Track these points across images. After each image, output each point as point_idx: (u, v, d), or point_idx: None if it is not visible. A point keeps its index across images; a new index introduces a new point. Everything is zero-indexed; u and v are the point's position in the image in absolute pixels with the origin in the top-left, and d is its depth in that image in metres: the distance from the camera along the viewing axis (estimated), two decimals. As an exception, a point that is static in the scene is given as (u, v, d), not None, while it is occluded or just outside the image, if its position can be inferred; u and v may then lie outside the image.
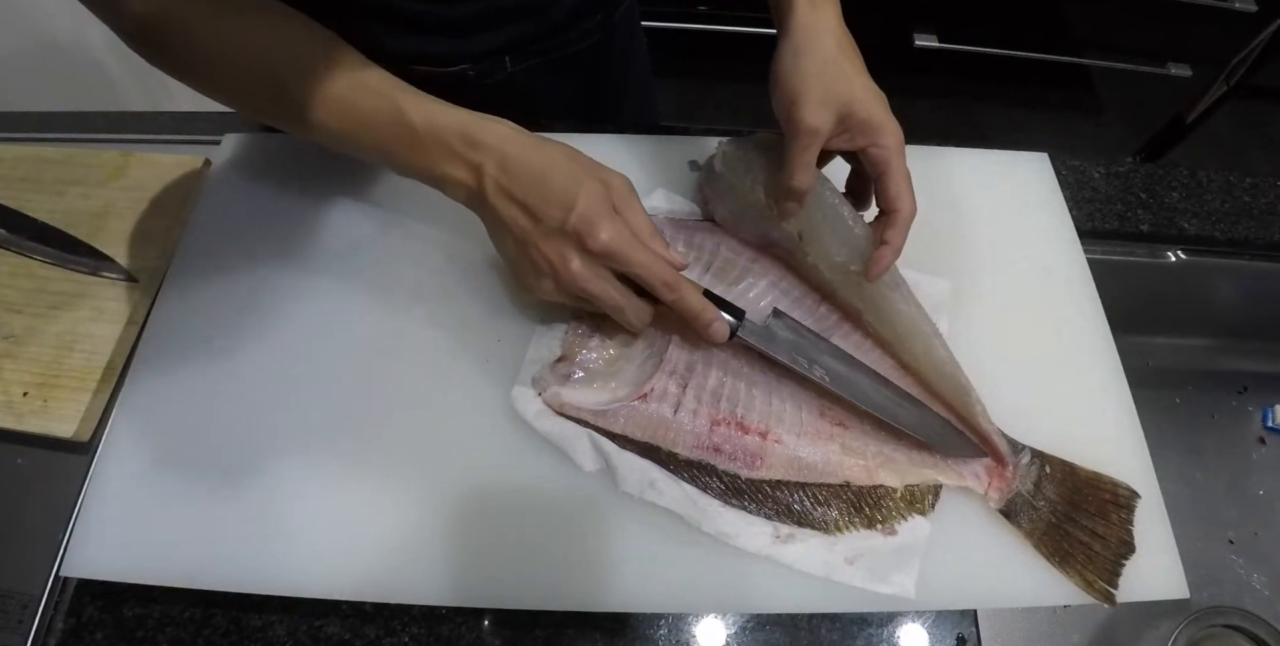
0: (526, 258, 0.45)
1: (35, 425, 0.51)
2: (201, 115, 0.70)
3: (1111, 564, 0.45)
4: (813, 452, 0.48)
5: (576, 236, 0.43)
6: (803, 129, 0.45)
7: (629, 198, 0.46)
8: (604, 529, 0.46)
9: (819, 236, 0.50)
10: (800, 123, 0.45)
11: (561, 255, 0.44)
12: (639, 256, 0.44)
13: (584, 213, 0.43)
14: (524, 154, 0.44)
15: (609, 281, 0.45)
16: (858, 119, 0.46)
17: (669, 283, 0.45)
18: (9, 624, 0.46)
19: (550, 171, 0.44)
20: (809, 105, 0.45)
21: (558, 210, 0.43)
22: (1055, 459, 0.48)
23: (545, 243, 0.44)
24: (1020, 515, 0.46)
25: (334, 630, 0.47)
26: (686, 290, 0.46)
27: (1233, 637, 0.54)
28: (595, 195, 0.44)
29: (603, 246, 0.43)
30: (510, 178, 0.44)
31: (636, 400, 0.48)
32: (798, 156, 0.46)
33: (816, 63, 0.46)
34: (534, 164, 0.44)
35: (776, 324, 0.49)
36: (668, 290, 0.45)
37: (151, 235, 0.59)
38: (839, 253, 0.49)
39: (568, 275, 0.44)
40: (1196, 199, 0.67)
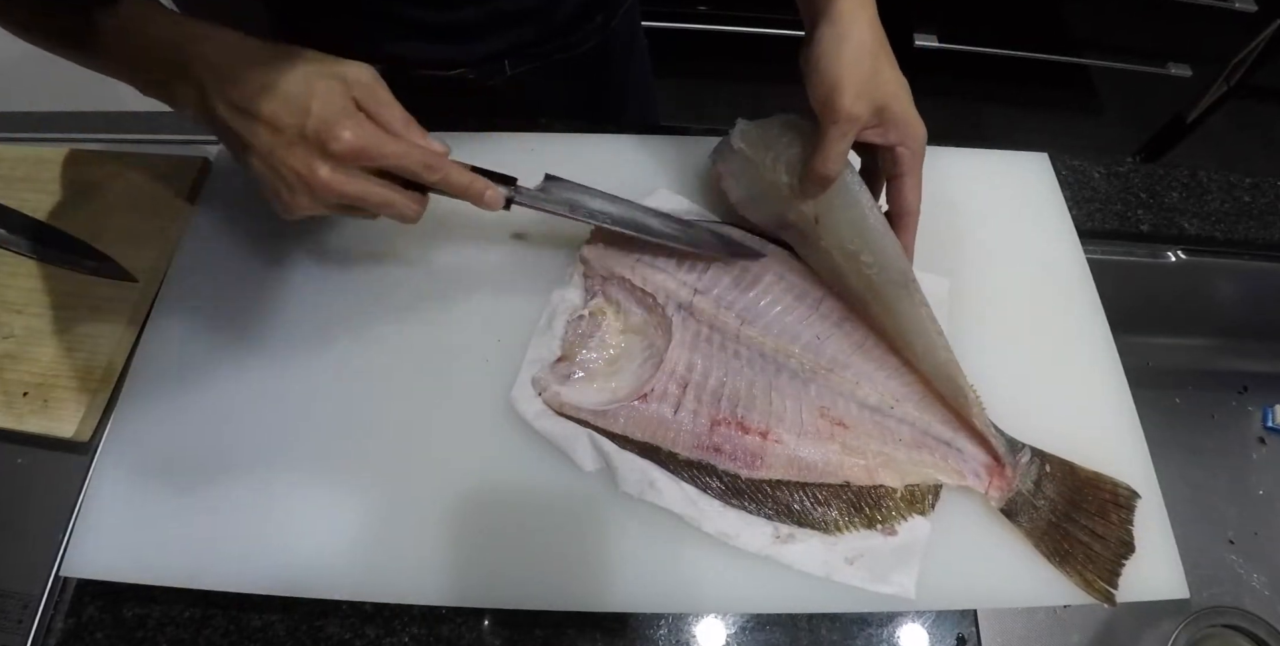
0: (274, 173, 0.41)
1: (35, 425, 0.51)
2: (201, 115, 0.70)
3: (1111, 564, 0.45)
4: (813, 452, 0.48)
5: (318, 142, 0.40)
6: (843, 116, 0.45)
7: (372, 89, 0.42)
8: (604, 529, 0.46)
9: (836, 223, 0.49)
10: (841, 110, 0.45)
11: (308, 165, 0.40)
12: (390, 148, 0.42)
13: (321, 114, 0.40)
14: (248, 62, 0.41)
15: (367, 180, 0.42)
16: (893, 113, 0.46)
17: (429, 164, 0.43)
18: (9, 624, 0.46)
19: (280, 77, 0.40)
20: (850, 93, 0.44)
21: (293, 117, 0.40)
22: (1055, 458, 0.48)
23: (288, 153, 0.40)
24: (1021, 514, 0.46)
25: (334, 630, 0.47)
26: (450, 168, 0.44)
27: (1233, 637, 0.54)
28: (331, 93, 0.40)
29: (347, 146, 0.40)
30: (237, 89, 0.40)
31: (636, 400, 0.48)
32: (834, 144, 0.46)
33: (858, 52, 0.45)
34: (261, 71, 0.40)
35: (549, 185, 0.49)
36: (430, 171, 0.43)
37: (151, 235, 0.59)
38: (853, 241, 0.49)
39: (319, 184, 0.41)
40: (1196, 199, 0.67)
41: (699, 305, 0.52)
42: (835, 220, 0.49)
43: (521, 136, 0.61)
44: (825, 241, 0.50)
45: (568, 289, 0.54)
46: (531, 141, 0.61)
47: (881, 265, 0.48)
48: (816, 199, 0.49)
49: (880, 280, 0.49)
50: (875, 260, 0.48)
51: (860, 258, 0.49)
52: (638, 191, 0.59)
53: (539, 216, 0.50)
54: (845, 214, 0.49)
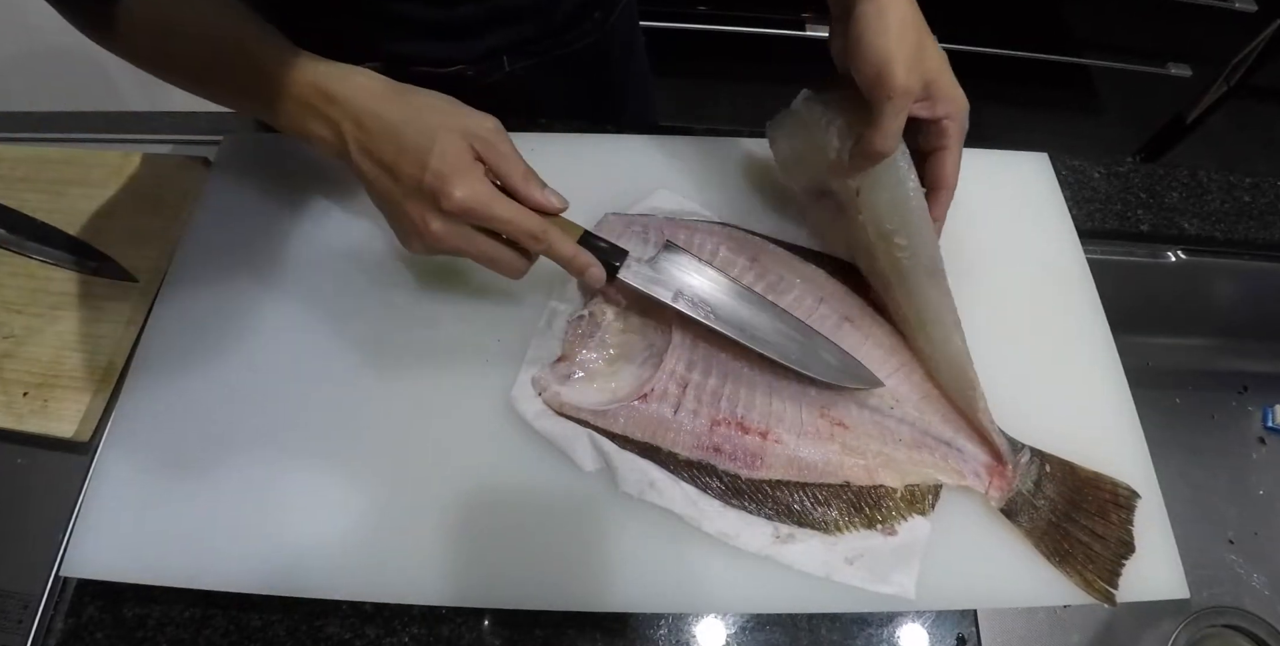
0: (393, 217, 0.45)
1: (35, 425, 0.51)
2: (201, 115, 0.70)
3: (1111, 563, 0.45)
4: (813, 452, 0.48)
5: (432, 197, 0.42)
6: (898, 91, 0.43)
7: (493, 143, 0.44)
8: (604, 529, 0.46)
9: (877, 200, 0.48)
10: (896, 84, 0.43)
11: (422, 216, 0.43)
12: (498, 211, 0.43)
13: (438, 169, 0.41)
14: (379, 109, 0.43)
15: (474, 237, 0.44)
16: (940, 87, 0.46)
17: (534, 234, 0.44)
18: (9, 624, 0.46)
19: (405, 126, 0.42)
20: (901, 67, 0.43)
21: (413, 168, 0.42)
22: (1055, 458, 0.48)
23: (408, 202, 0.43)
24: (1021, 514, 0.46)
25: (334, 630, 0.47)
26: (554, 238, 0.45)
27: (1233, 637, 0.54)
28: (451, 148, 0.42)
29: (458, 205, 0.42)
30: (367, 135, 0.42)
31: (636, 400, 0.48)
32: (890, 120, 0.44)
33: (903, 26, 0.44)
34: (389, 119, 0.42)
35: (665, 258, 0.48)
36: (534, 242, 0.44)
37: (151, 235, 0.59)
38: (891, 221, 0.48)
39: (430, 237, 0.43)
40: (1196, 199, 0.67)
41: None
42: (877, 198, 0.48)
43: (523, 136, 0.61)
44: (863, 216, 0.49)
45: (568, 289, 0.54)
46: (532, 141, 0.61)
47: (914, 250, 0.48)
48: (863, 172, 0.48)
49: (910, 264, 0.48)
50: (909, 244, 0.48)
51: (894, 239, 0.48)
52: (638, 191, 0.59)
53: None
54: (889, 192, 0.48)
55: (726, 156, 0.62)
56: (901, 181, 0.47)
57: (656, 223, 0.56)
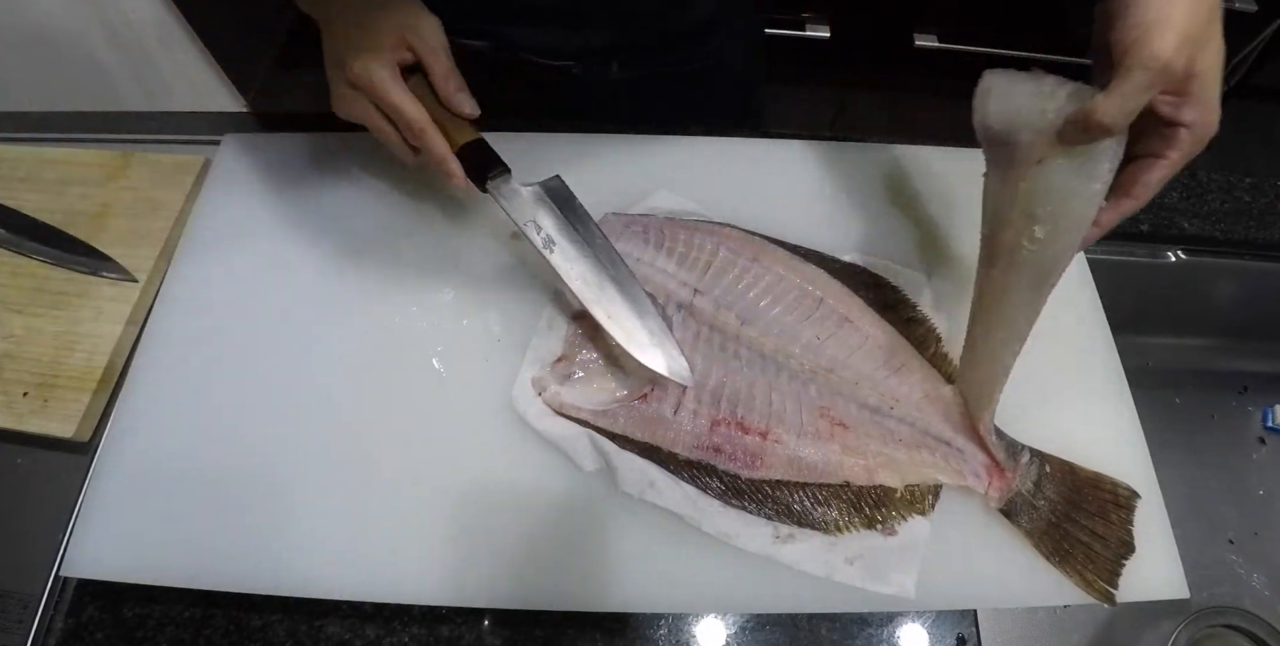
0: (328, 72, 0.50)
1: (35, 425, 0.51)
2: (201, 115, 0.70)
3: (1111, 564, 0.45)
4: (813, 452, 0.48)
5: (342, 64, 0.47)
6: (1154, 60, 0.35)
7: (426, 37, 0.48)
8: (604, 529, 0.46)
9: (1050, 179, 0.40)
10: (1153, 52, 0.35)
11: (335, 78, 0.49)
12: (387, 95, 0.47)
13: (356, 42, 0.47)
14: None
15: (371, 111, 0.48)
16: (1202, 88, 0.37)
17: (412, 125, 0.47)
18: (9, 624, 0.46)
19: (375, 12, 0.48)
20: (1172, 36, 0.35)
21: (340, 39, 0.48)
22: (1055, 459, 0.48)
23: (330, 66, 0.49)
24: (1020, 514, 0.46)
25: (334, 630, 0.47)
26: (431, 136, 0.48)
27: (1233, 637, 0.54)
28: (378, 30, 0.47)
29: (352, 76, 0.47)
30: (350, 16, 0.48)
31: (636, 400, 0.48)
32: (1133, 92, 0.36)
33: None
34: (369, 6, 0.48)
35: (541, 189, 0.50)
36: (411, 133, 0.48)
37: (151, 235, 0.59)
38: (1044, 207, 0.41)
39: (335, 98, 0.49)
40: (1196, 199, 0.67)
41: (699, 305, 0.52)
42: (1052, 179, 0.40)
43: (523, 136, 0.61)
44: (1024, 185, 0.41)
45: (568, 289, 0.54)
46: (533, 141, 0.61)
47: (1044, 247, 0.42)
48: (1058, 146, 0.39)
49: (1030, 258, 0.42)
50: (1046, 239, 0.41)
51: (1034, 227, 0.42)
52: (638, 191, 0.59)
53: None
54: (1068, 181, 0.40)
55: (726, 156, 0.62)
56: (1090, 176, 0.40)
57: (656, 222, 0.56)
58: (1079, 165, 0.40)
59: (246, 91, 1.33)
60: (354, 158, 0.61)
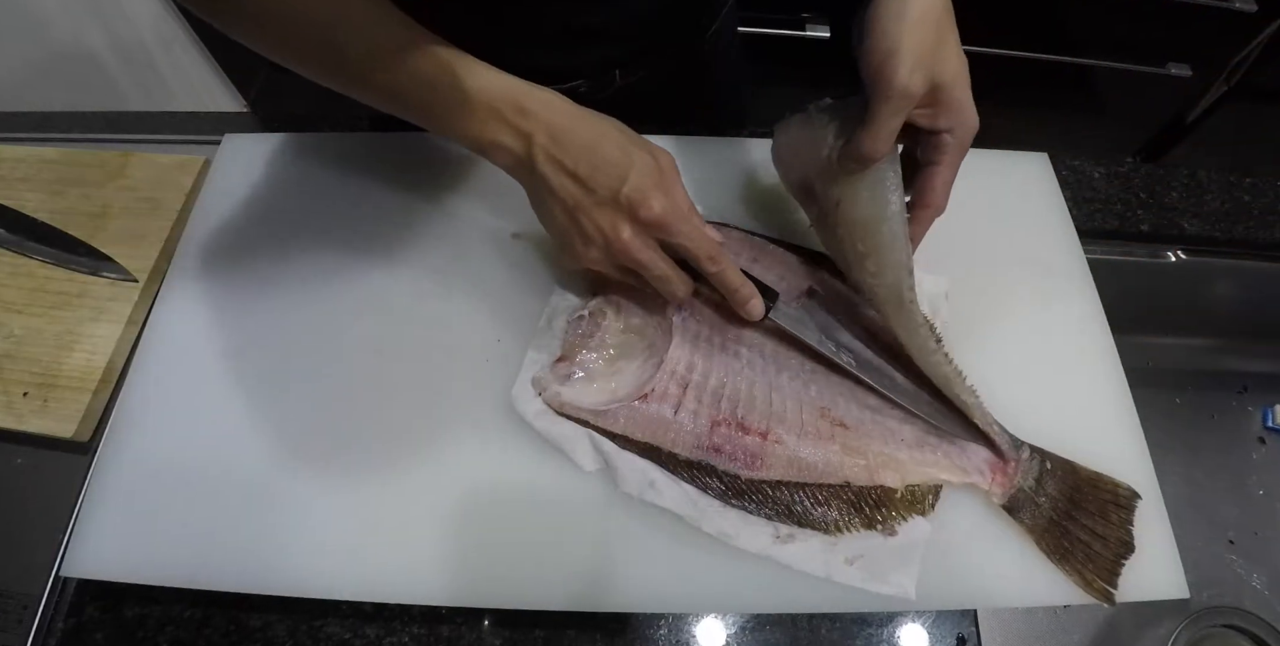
0: (575, 226, 0.45)
1: (35, 425, 0.51)
2: (201, 115, 0.70)
3: (1111, 563, 0.45)
4: (813, 453, 0.48)
5: (629, 207, 0.44)
6: (896, 90, 0.40)
7: (673, 174, 0.46)
8: (604, 529, 0.46)
9: (854, 217, 0.46)
10: (895, 83, 0.40)
11: (613, 224, 0.44)
12: (687, 229, 0.45)
13: (637, 183, 0.43)
14: (574, 125, 0.44)
15: (657, 251, 0.46)
16: (949, 96, 0.42)
17: (713, 255, 0.46)
18: (9, 624, 0.46)
19: (602, 142, 0.44)
20: (906, 64, 0.40)
21: (611, 180, 0.43)
22: (1056, 456, 0.48)
23: (597, 211, 0.44)
24: (1023, 510, 0.46)
25: (334, 630, 0.47)
26: (728, 264, 0.47)
27: (1233, 637, 0.54)
28: (646, 167, 0.44)
29: (656, 217, 0.44)
30: (560, 147, 0.44)
31: (637, 400, 0.48)
32: (883, 121, 0.41)
33: (921, 19, 0.41)
34: (585, 134, 0.44)
35: (809, 305, 0.49)
36: (711, 263, 0.46)
37: (151, 235, 0.59)
38: (863, 242, 0.46)
39: (619, 244, 0.45)
40: (1196, 199, 0.67)
41: (699, 306, 0.52)
42: (854, 214, 0.46)
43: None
44: (840, 230, 0.47)
45: (568, 289, 0.54)
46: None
47: (882, 277, 0.46)
48: (845, 183, 0.45)
49: (879, 290, 0.47)
50: (878, 271, 0.46)
51: (865, 263, 0.47)
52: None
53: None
54: (865, 210, 0.45)
55: (726, 156, 0.62)
56: (883, 202, 0.45)
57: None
58: (866, 194, 0.45)
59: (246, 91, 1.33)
60: (354, 158, 0.61)
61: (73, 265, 0.58)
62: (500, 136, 0.44)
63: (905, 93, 0.40)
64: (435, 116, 0.45)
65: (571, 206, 0.45)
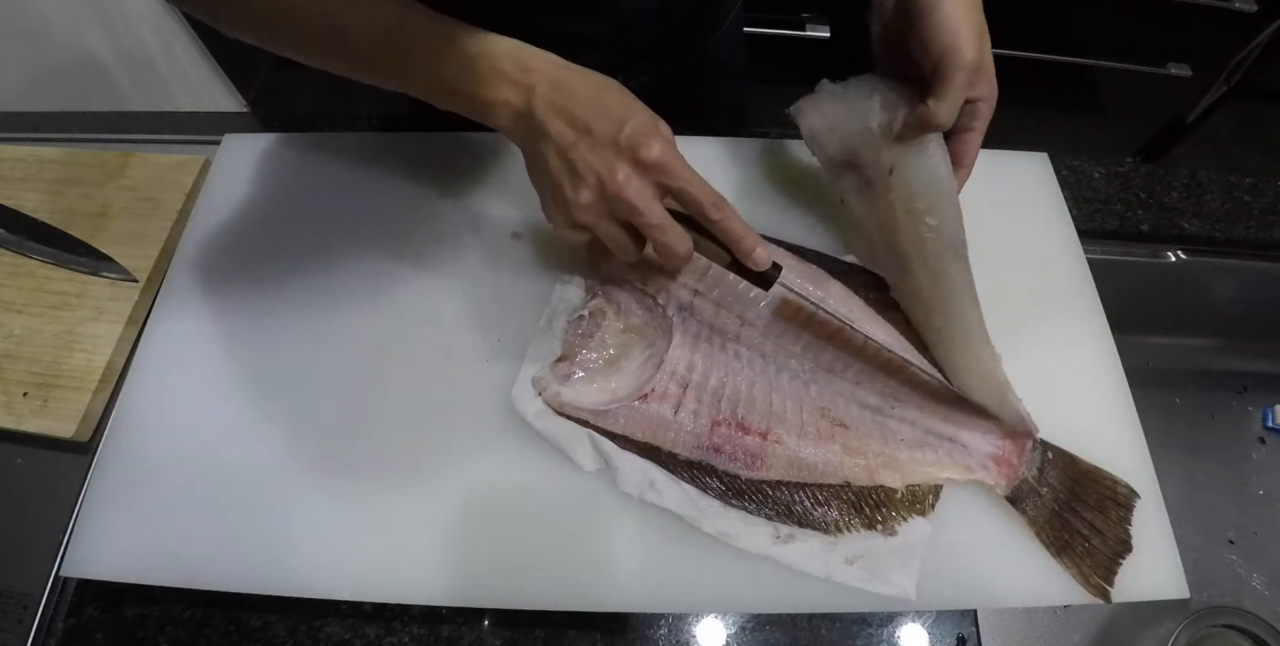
0: (568, 168, 0.44)
1: (35, 425, 0.51)
2: (201, 115, 0.70)
3: (1108, 560, 0.45)
4: (813, 453, 0.48)
5: (629, 147, 0.43)
6: (970, 63, 0.44)
7: (669, 134, 0.46)
8: (604, 529, 0.46)
9: (910, 179, 0.49)
10: (968, 57, 0.44)
11: (610, 165, 0.43)
12: (687, 173, 0.44)
13: (639, 126, 0.43)
14: (577, 77, 0.44)
15: (656, 197, 0.44)
16: (986, 68, 0.46)
17: (715, 202, 0.45)
18: (9, 624, 0.46)
19: (604, 93, 0.44)
20: (973, 41, 0.44)
21: (611, 124, 0.43)
22: (1056, 447, 0.49)
23: (594, 152, 0.43)
24: (1025, 500, 0.46)
25: (334, 630, 0.47)
26: (729, 212, 0.45)
27: (1233, 637, 0.54)
28: (648, 116, 0.44)
29: (657, 157, 0.43)
30: (564, 95, 0.44)
31: (636, 400, 0.48)
32: (957, 91, 0.45)
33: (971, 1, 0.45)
34: (587, 85, 0.44)
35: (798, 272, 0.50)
36: (715, 209, 0.44)
37: (151, 235, 0.59)
38: (924, 200, 0.49)
39: (614, 185, 0.43)
40: (1196, 199, 0.67)
41: (699, 306, 0.52)
42: (910, 176, 0.49)
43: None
44: (894, 193, 0.49)
45: (568, 288, 0.54)
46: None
47: (942, 229, 0.49)
48: (898, 150, 0.48)
49: (937, 244, 0.49)
50: (939, 224, 0.48)
51: (925, 218, 0.49)
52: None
53: (538, 216, 0.50)
54: (924, 172, 0.48)
55: (727, 157, 0.62)
56: (936, 163, 0.48)
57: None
58: (921, 158, 0.48)
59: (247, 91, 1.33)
60: (354, 158, 0.61)
61: (73, 265, 0.58)
62: (501, 93, 0.44)
63: (976, 66, 0.45)
64: (439, 85, 0.45)
65: (566, 147, 0.43)
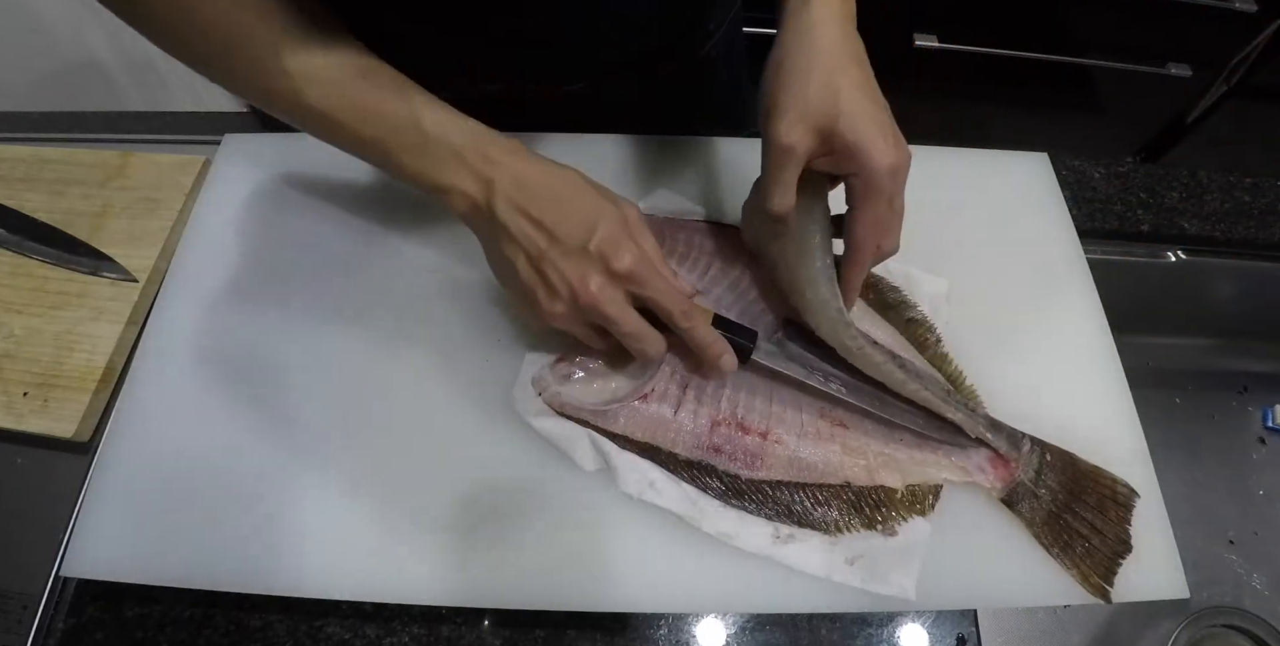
0: (540, 278, 0.42)
1: (35, 425, 0.51)
2: (201, 115, 0.70)
3: (1108, 560, 0.45)
4: (813, 453, 0.48)
5: (600, 258, 0.41)
6: (775, 147, 0.41)
7: (642, 226, 0.44)
8: (604, 529, 0.46)
9: (787, 275, 0.48)
10: (773, 139, 0.41)
11: (582, 276, 0.41)
12: (659, 282, 0.43)
13: (607, 234, 0.41)
14: (540, 173, 0.43)
15: (628, 306, 0.43)
16: (843, 141, 0.41)
17: (685, 311, 0.44)
18: (9, 624, 0.46)
19: (568, 192, 0.43)
20: (784, 119, 0.41)
21: (579, 230, 0.41)
22: (1055, 448, 0.49)
23: (564, 262, 0.41)
24: (1021, 503, 0.46)
25: (334, 630, 0.47)
26: (699, 321, 0.45)
27: (1233, 637, 0.55)
28: (616, 219, 0.42)
29: (628, 268, 0.41)
30: (526, 195, 0.42)
31: (637, 400, 0.48)
32: (773, 177, 0.42)
33: (802, 68, 0.41)
34: (551, 183, 0.42)
35: (789, 343, 0.48)
36: (683, 318, 0.44)
37: (151, 235, 0.59)
38: (798, 299, 0.48)
39: (587, 296, 0.41)
40: (1196, 199, 0.67)
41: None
42: (786, 273, 0.48)
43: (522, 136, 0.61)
44: (782, 286, 0.49)
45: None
46: (531, 141, 0.61)
47: (821, 331, 0.47)
48: (776, 240, 0.47)
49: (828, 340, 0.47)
50: (817, 325, 0.47)
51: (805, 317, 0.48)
52: (638, 192, 0.59)
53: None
54: (795, 269, 0.47)
55: (726, 157, 0.62)
56: (807, 258, 0.45)
57: (656, 223, 0.56)
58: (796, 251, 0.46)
59: (246, 91, 1.33)
60: (354, 158, 0.61)
61: (73, 265, 0.58)
62: (460, 180, 0.42)
63: (784, 148, 0.41)
64: (388, 156, 0.43)
65: (536, 256, 0.42)
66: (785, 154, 0.41)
